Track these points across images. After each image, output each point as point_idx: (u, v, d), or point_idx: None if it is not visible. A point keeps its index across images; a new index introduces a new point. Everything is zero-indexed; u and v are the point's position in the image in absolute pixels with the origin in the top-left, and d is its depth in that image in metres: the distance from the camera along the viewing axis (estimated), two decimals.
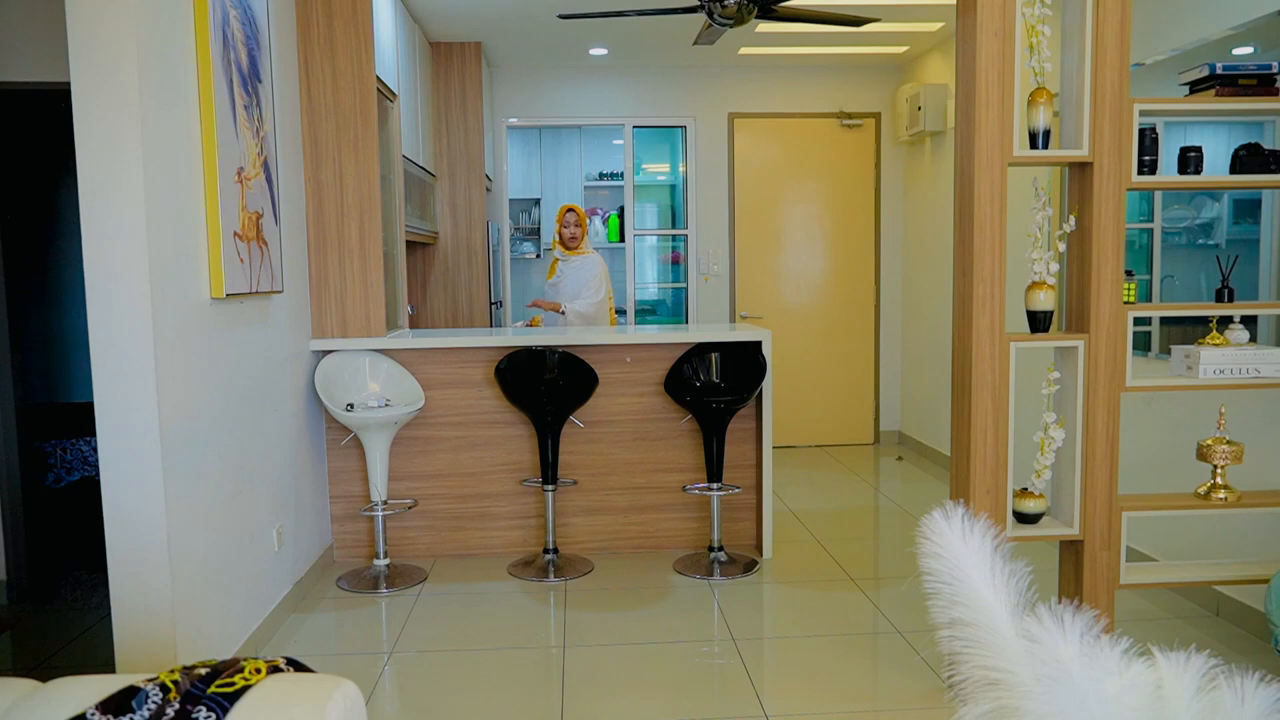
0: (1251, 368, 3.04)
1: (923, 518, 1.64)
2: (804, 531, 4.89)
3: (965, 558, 1.30)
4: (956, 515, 1.51)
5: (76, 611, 3.91)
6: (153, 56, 2.71)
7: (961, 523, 1.47)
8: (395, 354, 4.37)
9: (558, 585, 4.18)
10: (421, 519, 4.51)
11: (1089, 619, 1.07)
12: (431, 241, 6.15)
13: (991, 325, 2.99)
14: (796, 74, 7.03)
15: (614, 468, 4.55)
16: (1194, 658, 1.00)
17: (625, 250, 7.21)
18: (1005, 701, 1.05)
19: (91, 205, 2.60)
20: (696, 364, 4.48)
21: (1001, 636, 1.11)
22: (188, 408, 2.89)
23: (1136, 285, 4.25)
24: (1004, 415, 3.02)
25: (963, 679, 1.11)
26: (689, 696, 3.10)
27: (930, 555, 1.39)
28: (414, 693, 3.19)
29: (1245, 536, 3.54)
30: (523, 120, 7.06)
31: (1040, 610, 1.14)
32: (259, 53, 3.45)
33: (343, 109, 4.17)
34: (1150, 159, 3.05)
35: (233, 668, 1.50)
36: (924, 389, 6.80)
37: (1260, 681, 0.96)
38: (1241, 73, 3.02)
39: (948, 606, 1.24)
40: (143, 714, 1.40)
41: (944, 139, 6.38)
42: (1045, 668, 1.03)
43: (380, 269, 4.30)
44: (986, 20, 2.92)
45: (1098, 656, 1.03)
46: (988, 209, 2.96)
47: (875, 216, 7.19)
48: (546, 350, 4.38)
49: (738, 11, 4.07)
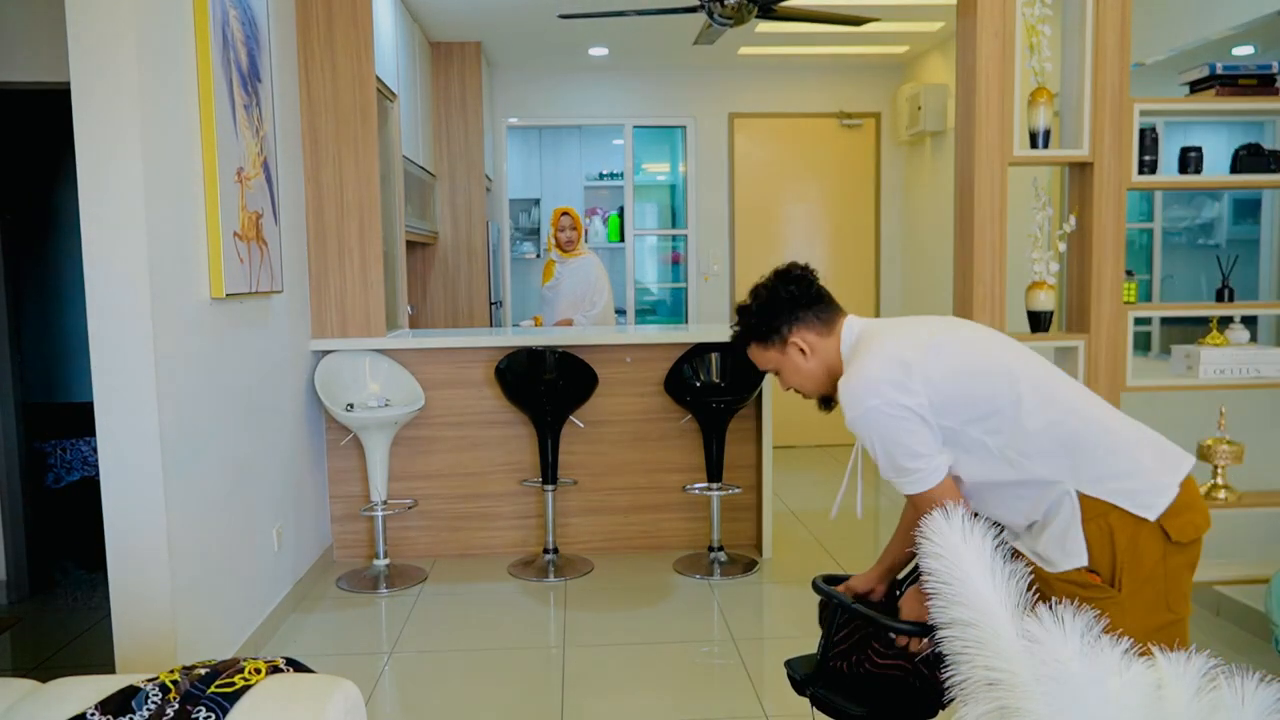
0: (1251, 368, 3.04)
1: (923, 518, 1.64)
2: (804, 531, 4.89)
3: (965, 558, 1.30)
4: (956, 515, 1.51)
5: (76, 611, 3.91)
6: (153, 56, 2.70)
7: (961, 523, 1.48)
8: (395, 354, 4.37)
9: (558, 585, 4.18)
10: (421, 519, 4.51)
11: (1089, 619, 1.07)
12: (431, 241, 6.15)
13: (991, 325, 2.99)
14: (796, 74, 7.02)
15: (614, 468, 4.55)
16: (1194, 658, 1.00)
17: (625, 250, 7.21)
18: (1005, 702, 1.05)
19: (91, 205, 2.60)
20: (696, 364, 4.48)
21: (1002, 636, 1.11)
22: (187, 408, 2.89)
23: (1136, 285, 4.24)
24: None
25: (963, 679, 1.11)
26: (689, 696, 3.10)
27: (930, 555, 1.39)
28: (414, 693, 3.19)
29: (1245, 536, 3.53)
30: (522, 120, 7.06)
31: (1040, 610, 1.14)
32: (259, 53, 3.45)
33: (343, 109, 4.16)
34: (1150, 159, 3.05)
35: (232, 668, 1.50)
36: None
37: (1260, 681, 0.96)
38: (1241, 73, 3.02)
39: (948, 606, 1.24)
40: (143, 714, 1.40)
41: (944, 139, 6.38)
42: (1045, 668, 1.03)
43: (380, 269, 4.30)
44: (986, 20, 2.92)
45: (1098, 656, 1.03)
46: (988, 209, 2.96)
47: (875, 216, 7.19)
48: (546, 350, 4.38)
49: (738, 11, 4.06)
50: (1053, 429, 1.78)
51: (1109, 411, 1.86)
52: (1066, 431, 1.78)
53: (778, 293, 2.06)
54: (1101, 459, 1.75)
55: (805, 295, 2.04)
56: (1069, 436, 1.77)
